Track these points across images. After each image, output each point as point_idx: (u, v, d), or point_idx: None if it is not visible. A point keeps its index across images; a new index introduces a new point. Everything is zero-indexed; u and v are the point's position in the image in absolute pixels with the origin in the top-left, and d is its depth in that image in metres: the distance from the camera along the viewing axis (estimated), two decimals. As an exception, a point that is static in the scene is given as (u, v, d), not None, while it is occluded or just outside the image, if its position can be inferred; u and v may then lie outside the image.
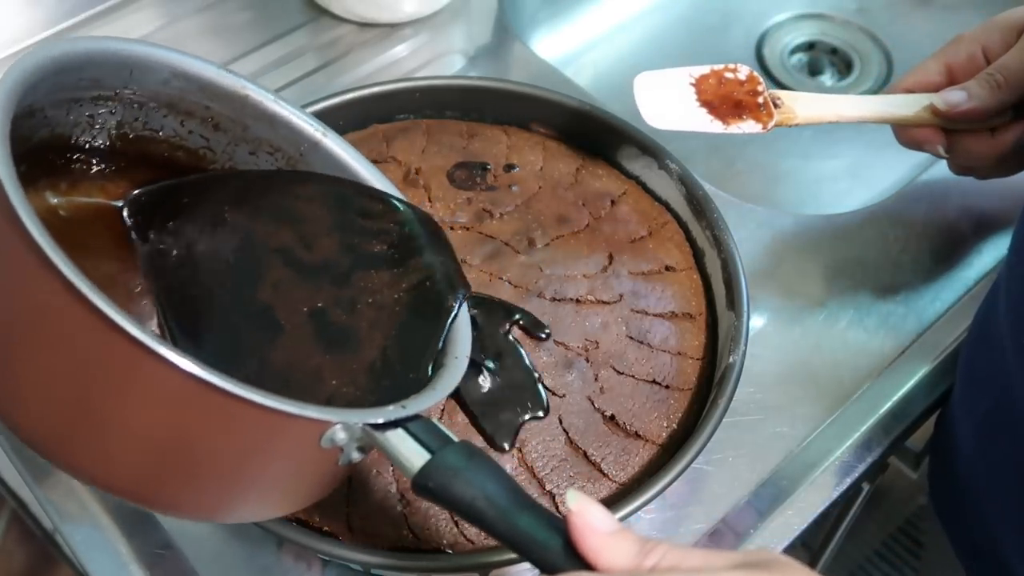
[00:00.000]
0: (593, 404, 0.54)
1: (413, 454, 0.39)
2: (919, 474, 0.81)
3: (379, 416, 0.40)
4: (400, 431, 0.40)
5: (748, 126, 0.59)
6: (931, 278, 0.67)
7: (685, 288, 0.59)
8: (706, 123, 0.59)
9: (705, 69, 0.61)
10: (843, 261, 0.67)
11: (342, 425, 0.39)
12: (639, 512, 0.50)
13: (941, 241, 0.68)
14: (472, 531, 0.51)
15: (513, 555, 0.48)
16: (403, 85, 0.66)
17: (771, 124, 0.60)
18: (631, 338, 0.57)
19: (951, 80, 0.61)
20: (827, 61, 0.94)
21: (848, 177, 0.84)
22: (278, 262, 0.49)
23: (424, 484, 0.39)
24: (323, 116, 0.64)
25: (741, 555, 0.35)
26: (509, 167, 0.64)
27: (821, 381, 0.62)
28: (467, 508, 0.38)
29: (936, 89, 0.61)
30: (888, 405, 0.61)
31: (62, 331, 0.37)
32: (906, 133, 0.63)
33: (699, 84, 0.61)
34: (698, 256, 0.61)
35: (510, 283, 0.58)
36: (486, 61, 0.80)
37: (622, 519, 0.49)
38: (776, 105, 0.60)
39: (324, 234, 0.50)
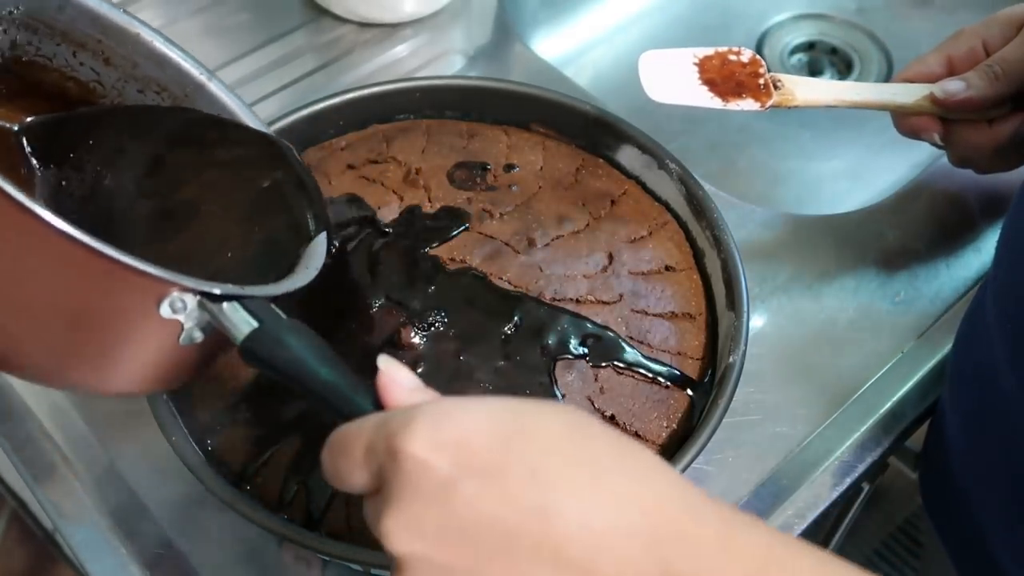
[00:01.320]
0: (593, 404, 0.54)
1: (243, 323, 0.42)
2: (919, 474, 0.81)
3: (216, 288, 0.42)
4: (235, 304, 0.42)
5: (747, 104, 0.61)
6: (930, 278, 0.67)
7: (685, 288, 0.59)
8: (706, 99, 0.61)
9: (709, 50, 0.62)
10: (843, 261, 0.67)
11: (179, 293, 0.41)
12: (639, 512, 0.50)
13: (940, 241, 0.68)
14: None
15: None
16: (403, 85, 0.66)
17: (769, 103, 0.61)
18: (631, 338, 0.57)
19: (951, 72, 0.62)
20: (827, 61, 0.94)
21: (848, 177, 0.84)
22: (154, 186, 0.51)
23: (250, 348, 0.41)
24: (323, 116, 0.64)
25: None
26: (509, 167, 0.64)
27: (821, 381, 0.62)
28: (288, 370, 0.41)
29: (936, 80, 0.62)
30: (888, 405, 0.61)
31: None
32: (905, 121, 0.63)
33: (702, 64, 0.62)
34: (698, 256, 0.61)
35: (510, 283, 0.58)
36: (486, 61, 0.80)
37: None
38: (776, 87, 0.61)
39: (198, 160, 0.53)
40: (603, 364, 0.55)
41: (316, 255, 0.50)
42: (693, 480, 0.36)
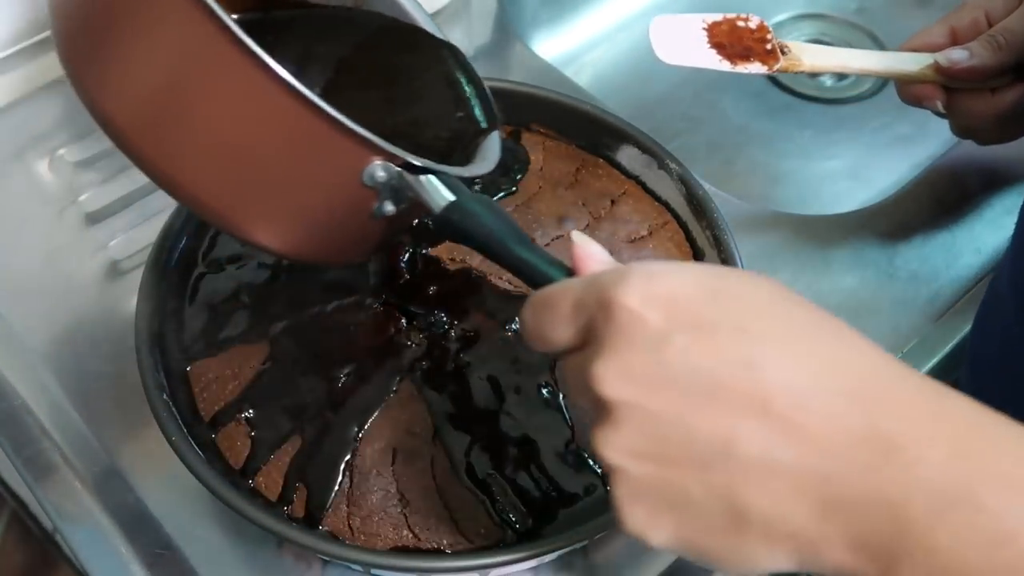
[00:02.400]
0: (593, 404, 0.54)
1: (440, 194, 0.44)
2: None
3: (419, 160, 0.44)
4: (432, 177, 0.45)
5: (754, 67, 0.61)
6: (931, 278, 0.67)
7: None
8: (715, 62, 0.61)
9: (718, 16, 0.63)
10: (843, 261, 0.67)
11: (382, 162, 0.43)
12: (639, 512, 0.50)
13: (941, 241, 0.68)
14: (472, 531, 0.51)
15: (513, 555, 0.48)
16: (403, 85, 0.66)
17: (776, 67, 0.62)
18: (631, 338, 0.57)
19: (954, 42, 0.63)
20: (827, 61, 0.93)
21: (848, 177, 0.84)
22: (344, 81, 0.54)
23: (448, 216, 0.44)
24: (323, 116, 0.65)
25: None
26: (509, 167, 0.64)
27: (821, 381, 0.61)
28: (483, 239, 0.44)
29: (940, 50, 0.62)
30: (888, 405, 0.61)
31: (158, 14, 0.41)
32: (908, 90, 0.64)
33: (711, 29, 0.62)
34: (698, 256, 0.61)
35: (510, 283, 0.58)
36: (486, 61, 0.80)
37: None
38: (783, 53, 0.62)
39: (384, 59, 0.56)
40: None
41: (492, 148, 0.53)
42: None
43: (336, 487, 0.52)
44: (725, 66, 0.61)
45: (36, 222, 0.70)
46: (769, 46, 0.62)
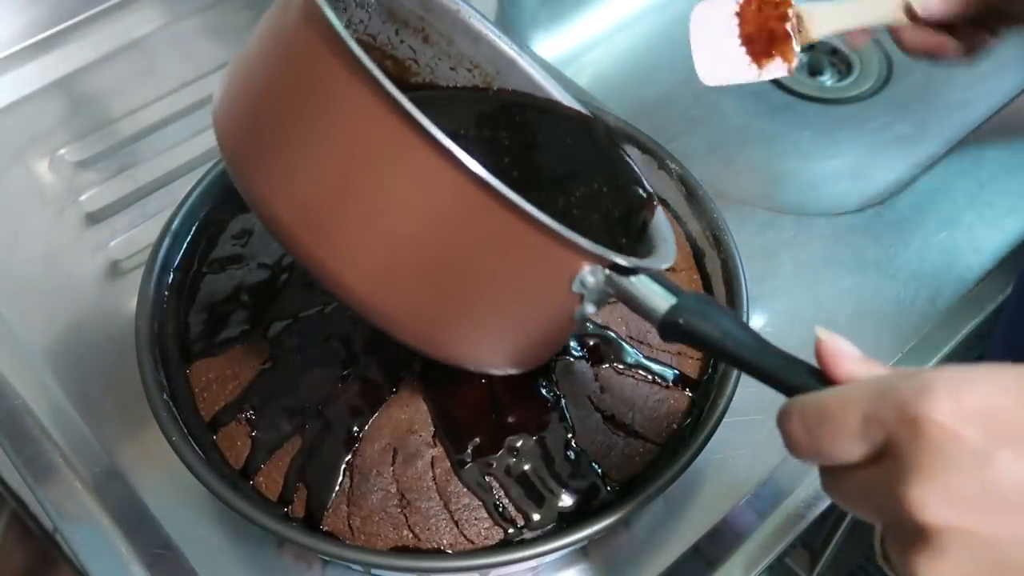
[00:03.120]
0: (593, 404, 0.54)
1: (659, 297, 0.43)
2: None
3: (627, 260, 0.43)
4: (644, 277, 0.43)
5: (776, 67, 0.62)
6: (931, 279, 0.67)
7: (685, 288, 0.59)
8: (747, 71, 0.62)
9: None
10: (843, 261, 0.67)
11: (591, 268, 0.42)
12: (639, 512, 0.50)
13: (941, 241, 0.68)
14: (472, 531, 0.51)
15: (513, 555, 0.48)
16: (403, 85, 0.66)
17: (795, 63, 0.62)
18: (631, 337, 0.57)
19: None
20: (827, 61, 0.94)
21: (848, 177, 0.84)
22: (511, 162, 0.54)
23: (675, 322, 0.42)
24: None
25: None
26: (509, 167, 0.64)
27: (821, 381, 0.62)
28: (718, 344, 0.42)
29: None
30: (888, 405, 0.61)
31: (343, 112, 0.39)
32: (914, 43, 0.62)
33: (743, 12, 0.63)
34: (698, 256, 0.61)
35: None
36: (486, 61, 0.80)
37: (622, 519, 0.49)
38: (799, 30, 0.62)
39: (529, 140, 0.55)
40: (603, 365, 0.55)
41: (663, 226, 0.52)
42: (693, 480, 0.36)
43: (336, 487, 0.52)
44: (753, 73, 0.62)
45: (36, 222, 0.70)
46: (789, 24, 0.62)
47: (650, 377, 0.56)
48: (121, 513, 0.56)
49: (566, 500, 0.51)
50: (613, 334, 0.56)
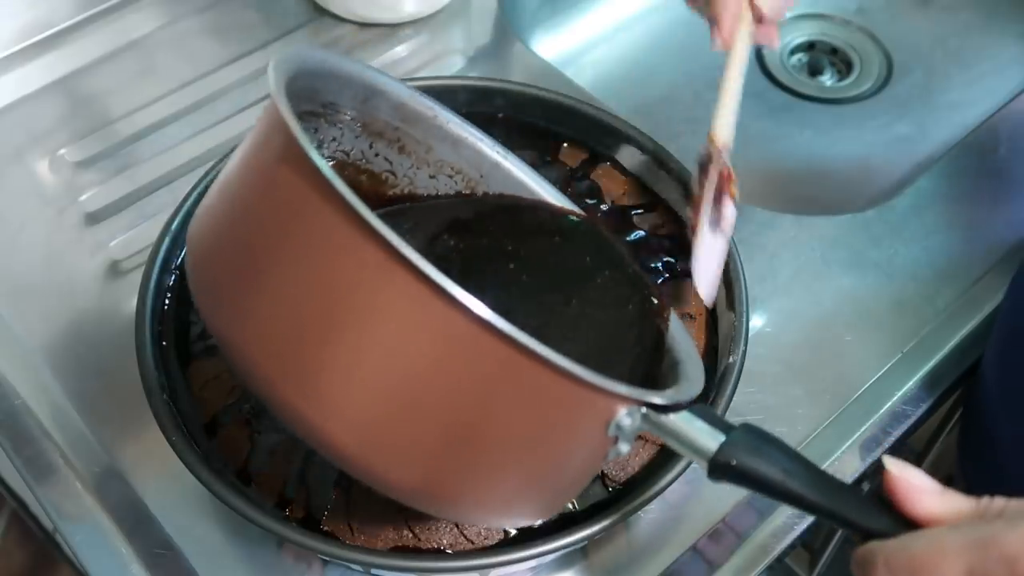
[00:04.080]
0: (593, 404, 0.54)
1: (706, 435, 0.39)
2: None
3: (664, 397, 0.39)
4: (685, 413, 0.40)
5: (729, 212, 0.56)
6: (931, 279, 0.67)
7: (685, 288, 0.59)
8: (721, 247, 0.57)
9: (707, 195, 0.57)
10: (843, 261, 0.67)
11: (628, 410, 0.38)
12: (639, 512, 0.50)
13: (941, 241, 0.68)
14: (472, 531, 0.51)
15: (513, 555, 0.48)
16: (403, 85, 0.66)
17: (734, 188, 0.57)
18: (631, 338, 0.57)
19: None
20: (827, 61, 0.94)
21: (848, 177, 0.84)
22: (502, 280, 0.49)
23: (726, 463, 0.38)
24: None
25: None
26: (509, 167, 0.64)
27: (821, 381, 0.62)
28: (779, 485, 0.38)
29: None
30: (888, 405, 0.61)
31: (330, 256, 0.36)
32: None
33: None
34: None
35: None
36: (486, 61, 0.80)
37: (622, 519, 0.49)
38: (720, 155, 0.57)
39: (530, 252, 0.51)
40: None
41: (681, 337, 0.48)
42: (693, 480, 0.36)
43: (336, 487, 0.52)
44: (722, 242, 0.56)
45: (36, 222, 0.70)
46: (721, 168, 0.57)
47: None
48: (121, 513, 0.56)
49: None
50: (613, 334, 0.56)
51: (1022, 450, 0.58)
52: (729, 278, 0.57)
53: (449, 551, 0.50)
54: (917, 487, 0.35)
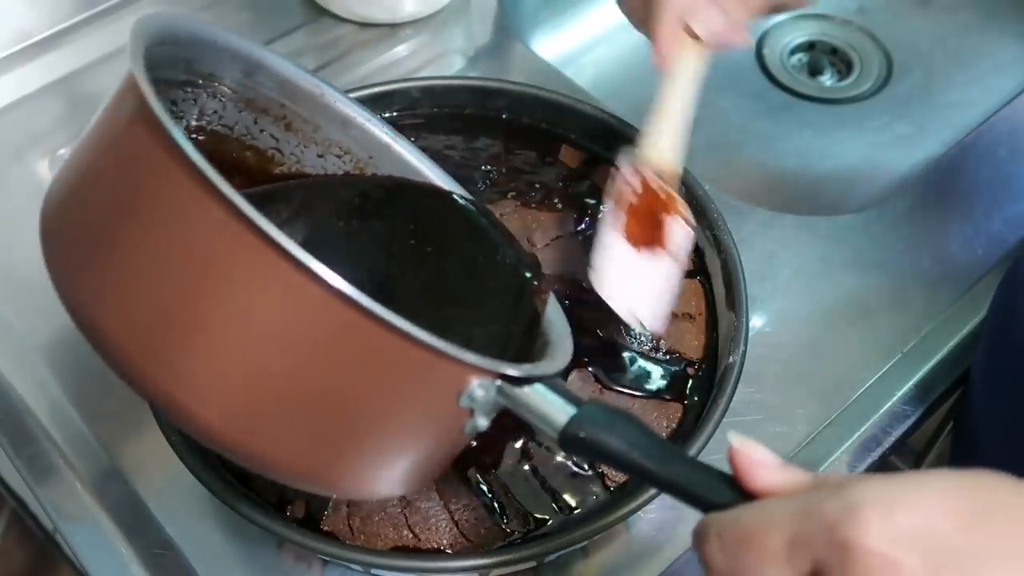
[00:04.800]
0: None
1: (556, 408, 0.40)
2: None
3: (518, 370, 0.40)
4: (538, 386, 0.40)
5: (679, 237, 0.54)
6: (931, 279, 0.67)
7: (685, 288, 0.59)
8: (671, 271, 0.54)
9: (619, 216, 0.54)
10: (843, 261, 0.67)
11: (480, 381, 0.39)
12: (639, 512, 0.50)
13: (941, 242, 0.68)
14: (472, 531, 0.51)
15: (513, 555, 0.48)
16: (403, 85, 0.66)
17: (682, 211, 0.54)
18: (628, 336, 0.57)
19: None
20: (827, 61, 0.94)
21: (848, 177, 0.84)
22: (372, 261, 0.49)
23: (575, 435, 0.39)
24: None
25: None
26: (509, 167, 0.64)
27: (821, 381, 0.62)
28: (623, 457, 0.38)
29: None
30: (888, 405, 0.61)
31: (181, 224, 0.35)
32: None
33: (630, 235, 0.55)
34: (698, 256, 0.61)
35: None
36: (486, 61, 0.80)
37: (622, 519, 0.49)
38: (665, 180, 0.55)
39: (409, 234, 0.51)
40: (600, 366, 0.55)
41: (558, 317, 0.48)
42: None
43: (336, 487, 0.52)
44: (673, 268, 0.54)
45: (36, 222, 0.69)
46: (661, 192, 0.54)
47: (649, 373, 0.56)
48: (121, 513, 0.56)
49: (566, 500, 0.51)
50: (610, 339, 0.56)
51: (1007, 454, 0.58)
52: (729, 278, 0.57)
53: (449, 551, 0.50)
54: (757, 461, 0.35)
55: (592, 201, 0.62)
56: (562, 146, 0.65)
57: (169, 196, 0.35)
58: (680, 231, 0.54)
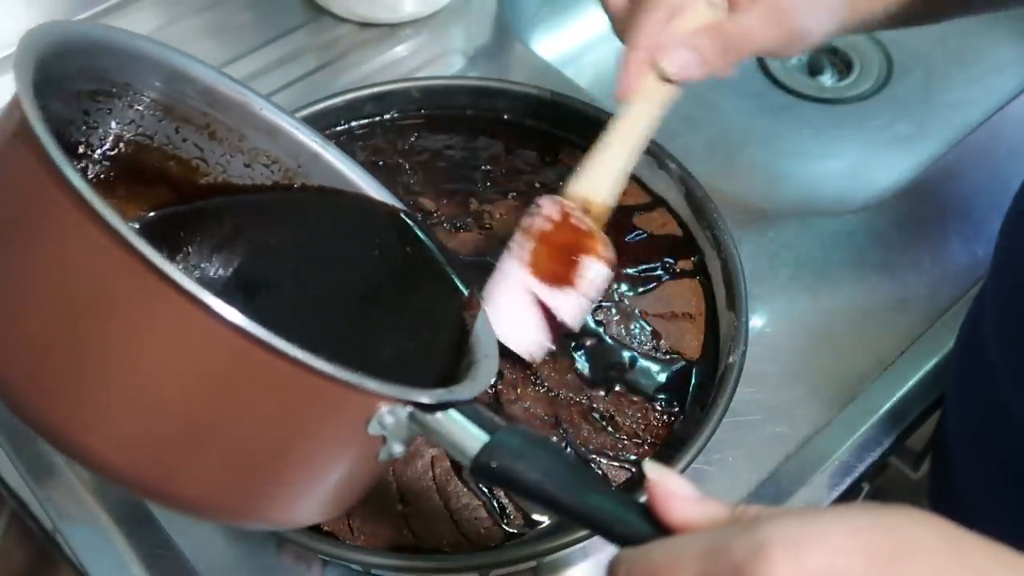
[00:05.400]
0: (593, 404, 0.54)
1: (469, 436, 0.38)
2: (919, 474, 0.80)
3: (429, 396, 0.38)
4: (452, 413, 0.38)
5: (593, 273, 0.53)
6: (931, 278, 0.67)
7: (685, 288, 0.59)
8: (574, 306, 0.53)
9: (525, 245, 0.53)
10: (843, 261, 0.67)
11: (389, 408, 0.37)
12: (639, 512, 0.50)
13: (941, 241, 0.68)
14: (472, 531, 0.51)
15: (513, 555, 0.48)
16: (403, 85, 0.66)
17: (609, 251, 0.53)
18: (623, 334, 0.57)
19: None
20: (827, 61, 0.94)
21: (848, 177, 0.84)
22: (292, 276, 0.48)
23: (486, 464, 0.37)
24: (323, 116, 0.64)
25: (841, 506, 0.33)
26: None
27: (821, 381, 0.62)
28: (535, 488, 0.37)
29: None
30: (888, 405, 0.61)
31: (62, 248, 0.34)
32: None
33: (535, 266, 0.53)
34: (698, 256, 0.61)
35: (510, 283, 0.58)
36: (486, 61, 0.80)
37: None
38: (592, 215, 0.53)
39: (338, 248, 0.50)
40: (599, 366, 0.55)
41: (486, 335, 0.47)
42: (693, 480, 0.36)
43: (336, 487, 0.52)
44: (581, 303, 0.53)
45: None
46: (579, 223, 0.53)
47: (649, 373, 0.56)
48: (121, 513, 0.56)
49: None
50: (610, 339, 0.57)
51: (975, 461, 0.58)
52: (729, 278, 0.57)
53: (449, 551, 0.50)
54: (673, 493, 0.34)
55: (592, 201, 0.63)
56: (562, 146, 0.65)
57: (51, 221, 0.34)
58: (593, 267, 0.53)
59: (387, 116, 0.66)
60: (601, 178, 0.53)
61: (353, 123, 0.66)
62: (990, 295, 0.54)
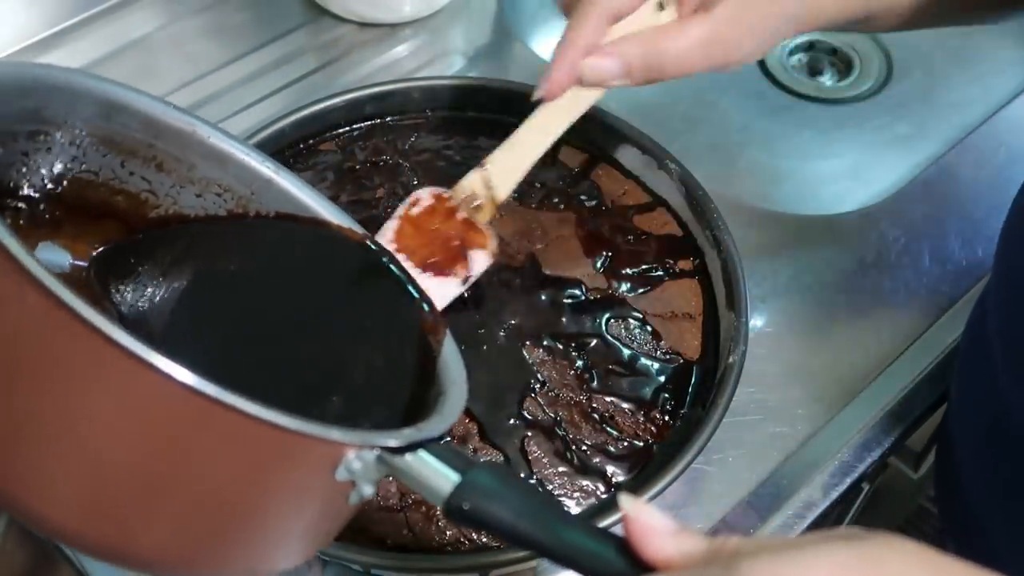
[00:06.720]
0: (593, 404, 0.54)
1: (440, 476, 0.37)
2: (919, 474, 0.81)
3: (396, 439, 0.37)
4: (421, 454, 0.37)
5: (477, 261, 0.53)
6: (930, 278, 0.67)
7: (685, 288, 0.59)
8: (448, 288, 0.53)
9: (390, 225, 0.54)
10: (843, 261, 0.67)
11: (356, 453, 0.36)
12: (639, 512, 0.50)
13: (941, 241, 0.68)
14: (472, 531, 0.51)
15: (513, 555, 0.48)
16: (403, 85, 0.66)
17: (493, 243, 0.54)
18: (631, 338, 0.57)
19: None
20: (827, 61, 0.94)
21: (848, 177, 0.84)
22: (249, 307, 0.47)
23: (458, 506, 0.36)
24: (323, 116, 0.65)
25: (820, 534, 0.32)
26: (509, 167, 0.64)
27: (821, 381, 0.62)
28: (510, 529, 0.36)
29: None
30: (888, 405, 0.61)
31: (24, 328, 0.32)
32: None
33: (402, 244, 0.53)
34: (698, 256, 0.61)
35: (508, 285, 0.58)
36: (486, 61, 0.80)
37: (622, 519, 0.49)
38: (479, 208, 0.54)
39: (297, 275, 0.49)
40: (600, 365, 0.56)
41: (453, 361, 0.46)
42: (693, 480, 0.36)
43: (336, 487, 0.52)
44: (455, 287, 0.53)
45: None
46: (461, 213, 0.54)
47: (649, 373, 0.56)
48: (121, 513, 0.56)
49: (565, 500, 0.51)
50: (613, 334, 0.56)
51: (979, 461, 0.58)
52: (729, 278, 0.57)
53: (449, 551, 0.50)
54: (650, 528, 0.33)
55: (592, 202, 0.63)
56: (562, 146, 0.65)
57: None
58: (481, 259, 0.53)
59: (387, 116, 0.66)
60: (499, 173, 0.54)
61: (353, 123, 0.66)
62: (992, 308, 0.54)
